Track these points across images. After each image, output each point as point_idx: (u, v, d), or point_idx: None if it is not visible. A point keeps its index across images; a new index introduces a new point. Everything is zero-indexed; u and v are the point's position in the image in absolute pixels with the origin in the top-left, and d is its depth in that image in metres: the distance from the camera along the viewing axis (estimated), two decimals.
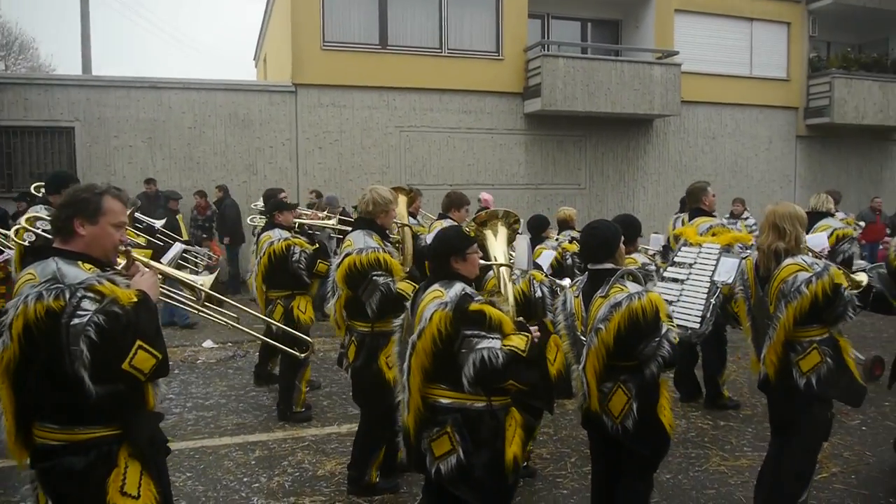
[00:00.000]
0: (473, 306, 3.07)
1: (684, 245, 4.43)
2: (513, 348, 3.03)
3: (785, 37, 17.83)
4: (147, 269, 2.77)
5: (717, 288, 3.95)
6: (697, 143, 17.08)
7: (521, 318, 3.33)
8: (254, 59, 24.39)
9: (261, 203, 8.03)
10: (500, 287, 3.78)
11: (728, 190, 16.14)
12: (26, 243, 3.61)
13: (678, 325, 3.72)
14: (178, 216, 11.41)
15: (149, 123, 13.21)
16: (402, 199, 5.55)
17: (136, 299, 2.50)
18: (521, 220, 4.05)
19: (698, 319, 3.89)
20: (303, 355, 4.39)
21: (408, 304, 3.48)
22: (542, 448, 5.52)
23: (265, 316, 5.83)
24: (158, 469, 2.67)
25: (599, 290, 3.51)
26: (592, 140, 16.07)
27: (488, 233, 3.91)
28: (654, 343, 3.33)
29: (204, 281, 3.03)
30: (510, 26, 15.20)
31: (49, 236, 2.97)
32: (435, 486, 3.25)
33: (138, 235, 6.60)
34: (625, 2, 16.74)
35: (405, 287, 4.36)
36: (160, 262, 3.12)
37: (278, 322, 5.48)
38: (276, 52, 17.50)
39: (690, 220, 6.46)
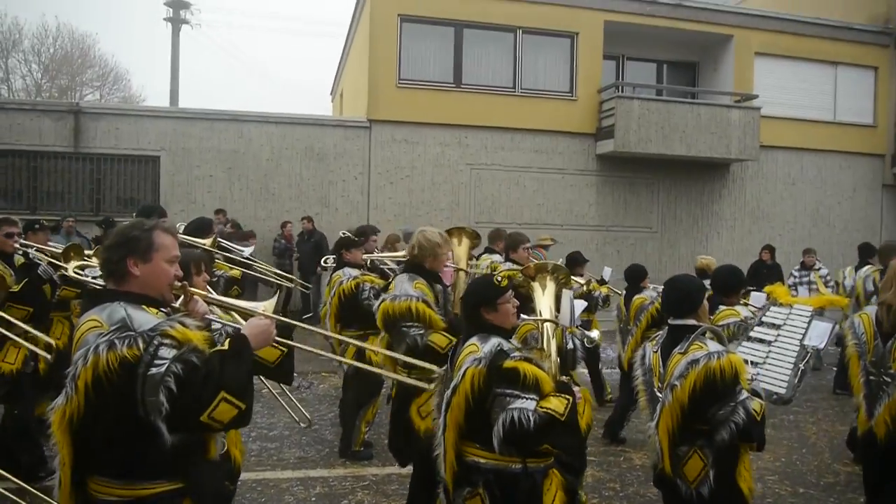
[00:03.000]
0: (508, 364, 2.94)
1: (774, 305, 4.26)
2: (549, 411, 2.89)
3: (872, 81, 17.18)
4: (259, 314, 2.66)
5: (808, 353, 3.76)
6: (776, 188, 16.53)
7: (565, 378, 3.21)
8: (330, 93, 25.09)
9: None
10: (542, 343, 3.65)
11: (808, 239, 15.53)
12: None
13: (763, 389, 3.54)
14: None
15: (229, 154, 13.69)
16: (465, 242, 5.40)
17: (226, 347, 2.41)
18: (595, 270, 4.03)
19: (784, 384, 3.69)
20: (431, 385, 3.94)
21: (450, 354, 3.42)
22: None
23: (338, 355, 5.78)
24: None
25: (678, 347, 3.37)
26: (666, 183, 15.77)
27: (536, 286, 3.82)
28: (729, 408, 3.15)
29: (266, 305, 2.87)
30: (585, 67, 15.17)
31: (99, 285, 2.87)
32: None
33: (231, 268, 6.36)
34: (702, 44, 16.51)
35: (438, 340, 4.26)
36: (216, 295, 3.03)
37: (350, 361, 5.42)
38: (352, 88, 17.96)
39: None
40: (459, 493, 3.06)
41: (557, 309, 3.85)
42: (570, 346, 4.64)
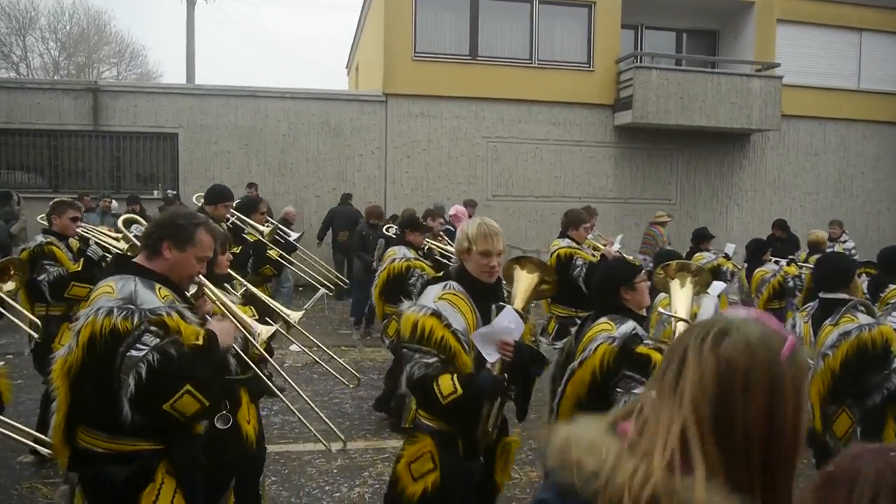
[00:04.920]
0: (641, 349, 3.03)
1: None
2: None
3: None
4: (226, 315, 2.86)
5: None
6: (798, 159, 16.30)
7: None
8: (346, 67, 25.00)
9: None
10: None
11: (830, 209, 15.36)
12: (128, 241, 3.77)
13: None
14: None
15: (246, 130, 13.73)
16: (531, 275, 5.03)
17: (200, 342, 2.52)
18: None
19: None
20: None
21: (572, 330, 3.54)
22: None
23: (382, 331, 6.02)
24: (194, 485, 2.66)
25: (829, 319, 3.64)
26: (685, 154, 15.61)
27: (675, 283, 3.84)
28: (883, 375, 3.44)
29: (263, 332, 2.99)
30: (602, 37, 14.97)
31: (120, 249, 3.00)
32: None
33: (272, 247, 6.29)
34: (723, 11, 16.21)
35: (444, 385, 3.69)
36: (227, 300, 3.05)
37: (392, 338, 5.52)
38: (367, 62, 17.87)
39: None
40: None
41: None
42: None
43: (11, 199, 11.84)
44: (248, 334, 2.96)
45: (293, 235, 7.51)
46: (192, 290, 2.83)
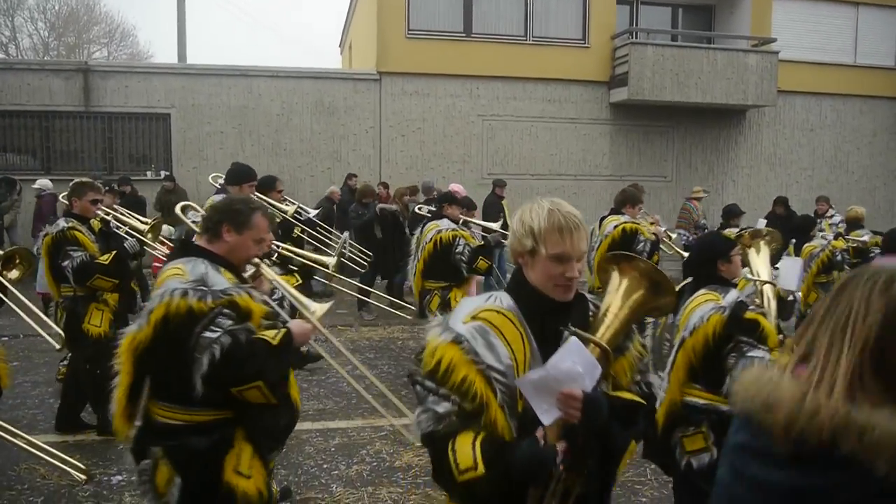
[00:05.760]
0: (749, 314, 3.18)
1: None
2: None
3: (895, 22, 16.69)
4: (307, 316, 3.00)
5: None
6: (794, 135, 16.26)
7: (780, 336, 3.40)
8: (339, 46, 24.77)
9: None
10: (763, 304, 3.82)
11: (826, 185, 15.35)
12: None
13: None
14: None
15: (238, 110, 13.62)
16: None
17: (277, 342, 2.61)
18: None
19: None
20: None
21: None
22: None
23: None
24: (263, 448, 2.82)
25: None
26: (680, 131, 15.55)
27: (752, 251, 4.10)
28: None
29: (317, 309, 3.10)
30: (597, 13, 14.84)
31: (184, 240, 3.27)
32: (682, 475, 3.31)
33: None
34: None
35: (462, 457, 2.77)
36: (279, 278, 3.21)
37: (436, 312, 5.64)
38: (361, 40, 17.70)
39: None
40: (681, 430, 3.26)
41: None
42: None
43: (14, 188, 11.74)
44: (304, 311, 3.07)
45: (312, 213, 7.78)
46: (249, 271, 2.98)
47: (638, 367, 2.09)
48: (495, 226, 7.28)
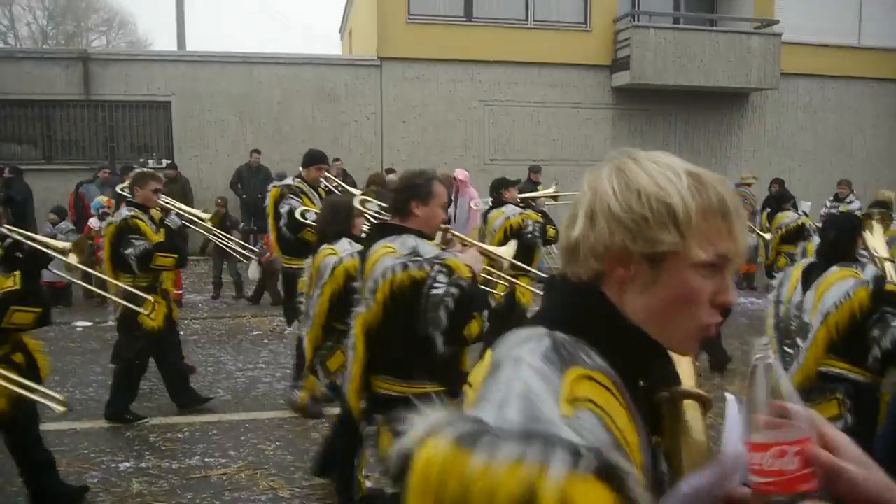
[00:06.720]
0: (889, 286, 3.32)
1: None
2: None
3: None
4: (467, 247, 3.45)
5: None
6: (797, 118, 16.18)
7: None
8: (339, 31, 24.63)
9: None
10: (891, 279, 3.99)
11: (829, 169, 15.28)
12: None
13: None
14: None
15: (239, 97, 13.57)
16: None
17: (469, 275, 2.88)
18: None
19: None
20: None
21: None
22: None
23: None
24: None
25: None
26: (683, 115, 15.48)
27: (866, 232, 4.18)
28: None
29: (504, 251, 3.84)
30: None
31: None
32: None
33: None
34: None
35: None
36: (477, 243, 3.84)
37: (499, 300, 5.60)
38: (361, 26, 17.60)
39: None
40: (814, 398, 3.33)
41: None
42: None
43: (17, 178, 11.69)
44: (498, 256, 3.73)
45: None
46: (437, 237, 3.27)
47: None
48: (550, 191, 7.26)
